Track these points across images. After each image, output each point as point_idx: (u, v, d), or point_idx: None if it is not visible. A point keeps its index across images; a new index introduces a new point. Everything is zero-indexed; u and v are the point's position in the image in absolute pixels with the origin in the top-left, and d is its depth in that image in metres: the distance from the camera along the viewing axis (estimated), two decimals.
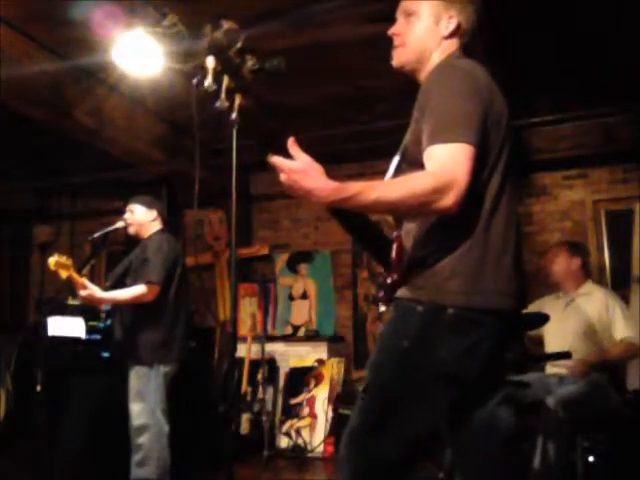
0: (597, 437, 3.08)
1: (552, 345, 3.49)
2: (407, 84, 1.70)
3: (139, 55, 3.54)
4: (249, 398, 5.12)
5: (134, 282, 3.27)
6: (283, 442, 5.12)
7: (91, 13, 3.48)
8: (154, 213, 3.49)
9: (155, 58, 3.60)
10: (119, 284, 3.38)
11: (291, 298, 5.92)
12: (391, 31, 1.73)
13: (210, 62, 2.67)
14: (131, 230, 3.50)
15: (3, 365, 5.49)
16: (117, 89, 4.44)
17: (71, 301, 4.17)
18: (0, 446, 4.52)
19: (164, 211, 3.60)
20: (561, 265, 3.53)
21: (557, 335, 3.45)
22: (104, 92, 4.44)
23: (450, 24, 1.69)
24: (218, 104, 2.11)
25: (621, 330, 3.31)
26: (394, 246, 1.63)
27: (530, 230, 5.28)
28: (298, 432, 5.09)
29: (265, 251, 6.02)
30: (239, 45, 3.24)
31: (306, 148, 1.42)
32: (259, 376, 5.20)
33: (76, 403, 3.96)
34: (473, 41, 1.76)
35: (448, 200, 1.39)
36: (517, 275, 1.55)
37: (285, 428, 5.17)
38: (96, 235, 3.67)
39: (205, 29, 3.15)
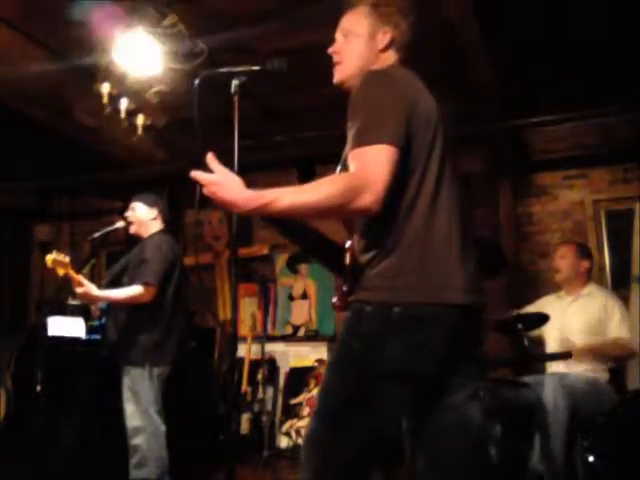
0: (597, 437, 3.08)
1: (553, 345, 3.49)
2: None
3: (139, 55, 3.54)
4: (249, 398, 5.12)
5: (131, 282, 3.25)
6: (283, 442, 5.12)
7: (91, 13, 3.48)
8: (155, 212, 3.47)
9: (155, 58, 3.59)
10: (116, 283, 3.37)
11: (291, 298, 5.92)
12: (330, 50, 1.82)
13: (105, 87, 2.75)
14: (131, 229, 3.49)
15: (3, 365, 5.49)
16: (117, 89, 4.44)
17: (71, 301, 4.17)
18: (0, 446, 4.52)
19: (166, 210, 3.57)
20: (569, 264, 3.54)
21: (558, 335, 3.45)
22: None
23: (385, 39, 1.76)
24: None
25: (615, 330, 3.31)
26: (347, 254, 1.67)
27: (530, 230, 5.28)
28: (298, 432, 5.09)
29: (265, 251, 6.01)
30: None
31: (306, 148, 1.42)
32: (259, 376, 5.20)
33: (76, 403, 3.96)
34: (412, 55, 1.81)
35: (366, 199, 1.43)
36: (465, 269, 1.58)
37: (285, 428, 5.17)
38: (96, 235, 3.66)
39: (101, 59, 3.21)
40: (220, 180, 1.49)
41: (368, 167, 1.45)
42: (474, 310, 1.60)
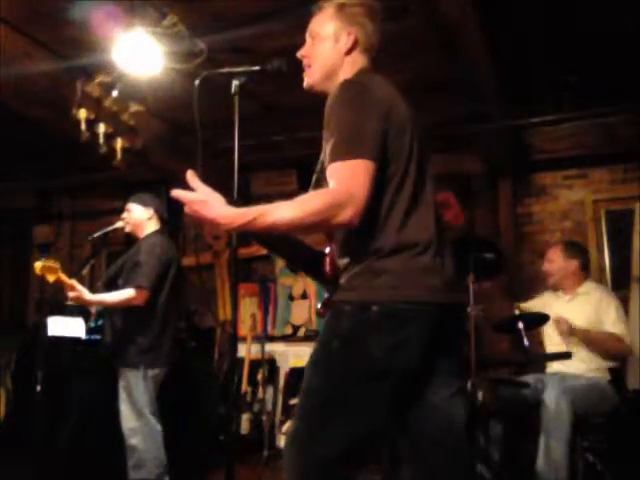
0: (597, 437, 3.08)
1: (551, 343, 3.49)
2: (406, 84, 1.70)
3: (139, 55, 3.54)
4: (249, 398, 5.12)
5: (125, 284, 3.25)
6: (283, 442, 5.12)
7: (91, 13, 3.48)
8: (150, 212, 3.46)
9: (155, 58, 3.59)
10: (112, 284, 3.37)
11: (291, 298, 5.92)
12: (299, 53, 1.83)
13: (82, 113, 2.76)
14: (127, 229, 3.49)
15: (3, 365, 5.49)
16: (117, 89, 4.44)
17: (71, 301, 4.17)
18: (0, 446, 4.52)
19: (163, 209, 3.56)
20: (558, 266, 3.52)
21: (556, 334, 3.45)
22: (104, 92, 4.43)
23: (349, 41, 1.76)
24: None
25: (611, 325, 3.31)
26: (327, 260, 1.70)
27: (530, 230, 5.28)
28: None
29: (265, 251, 6.01)
30: (115, 94, 3.31)
31: (306, 148, 1.43)
32: (259, 376, 5.19)
33: (76, 403, 3.96)
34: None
35: (346, 215, 1.46)
36: (441, 268, 1.61)
37: (285, 428, 5.16)
38: (96, 235, 3.66)
39: (77, 84, 3.23)
40: (202, 199, 1.50)
41: (348, 183, 1.48)
42: (452, 309, 1.63)
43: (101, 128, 2.83)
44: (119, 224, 3.53)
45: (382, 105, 1.58)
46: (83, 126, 2.61)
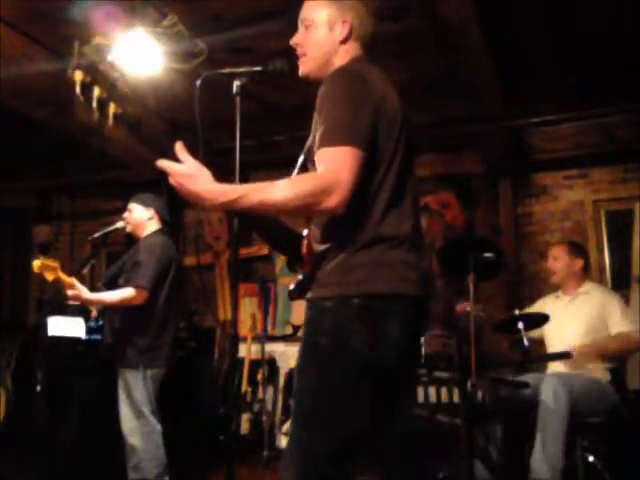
0: (597, 437, 3.08)
1: (553, 345, 3.49)
2: (406, 84, 1.70)
3: (139, 55, 3.54)
4: (249, 398, 5.11)
5: (125, 284, 3.25)
6: (283, 442, 5.12)
7: (91, 13, 3.48)
8: (151, 212, 3.46)
9: (155, 58, 3.59)
10: (112, 285, 3.37)
11: (291, 298, 5.92)
12: (292, 41, 1.81)
13: (77, 75, 2.70)
14: (128, 229, 3.49)
15: (3, 365, 5.49)
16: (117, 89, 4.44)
17: (70, 300, 4.17)
18: (0, 446, 4.52)
19: (164, 210, 3.56)
20: (563, 264, 3.54)
21: (558, 335, 3.45)
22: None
23: (344, 29, 1.74)
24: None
25: (617, 324, 3.30)
26: (304, 243, 1.69)
27: (530, 230, 5.28)
28: None
29: (265, 251, 6.01)
30: (109, 58, 3.26)
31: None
32: (259, 376, 5.19)
33: (76, 403, 3.96)
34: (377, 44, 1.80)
35: (332, 201, 1.45)
36: (419, 262, 1.61)
37: (285, 428, 5.16)
38: (96, 235, 3.66)
39: (74, 47, 3.17)
40: (189, 171, 1.48)
41: (335, 169, 1.46)
42: (425, 302, 1.65)
43: (95, 92, 2.75)
44: (119, 224, 3.53)
45: (374, 96, 1.57)
46: (78, 89, 2.54)
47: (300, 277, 1.70)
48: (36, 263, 3.04)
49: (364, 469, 1.73)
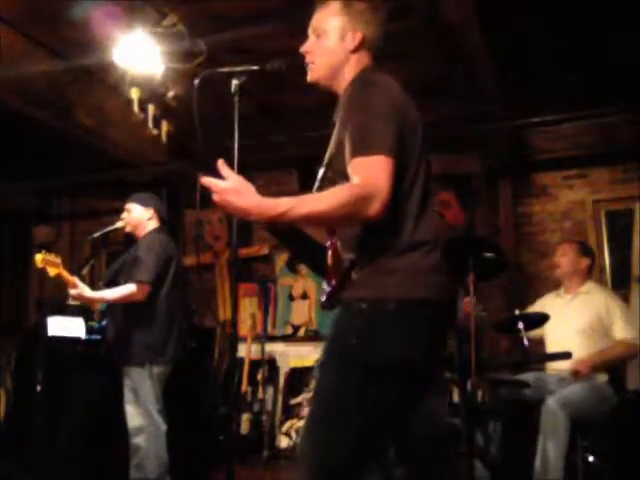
0: (597, 437, 3.08)
1: (553, 344, 3.49)
2: (406, 84, 1.70)
3: (139, 55, 3.54)
4: (249, 398, 5.12)
5: (126, 281, 3.25)
6: (283, 442, 5.12)
7: (91, 13, 3.48)
8: (150, 211, 3.47)
9: (155, 58, 3.59)
10: (113, 283, 3.37)
11: (291, 298, 5.92)
12: (302, 49, 1.81)
13: (134, 92, 2.66)
14: (128, 229, 3.50)
15: (3, 365, 5.49)
16: (117, 89, 4.45)
17: (71, 301, 4.17)
18: (0, 446, 4.52)
19: (163, 209, 3.57)
20: (571, 260, 3.57)
21: (558, 334, 3.46)
22: (104, 92, 4.44)
23: (356, 39, 1.75)
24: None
25: (620, 331, 3.32)
26: (329, 252, 1.70)
27: (530, 230, 5.28)
28: (298, 432, 5.09)
29: (265, 251, 6.01)
30: (160, 75, 3.24)
31: (306, 148, 1.43)
32: (259, 376, 5.19)
33: (76, 403, 3.96)
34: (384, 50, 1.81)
35: (374, 208, 1.47)
36: (443, 268, 1.65)
37: (285, 428, 5.16)
38: (96, 235, 3.66)
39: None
40: (234, 187, 1.46)
41: (373, 177, 1.48)
42: (449, 306, 1.70)
43: (150, 109, 2.69)
44: (119, 224, 3.53)
45: (399, 105, 1.60)
46: (136, 107, 2.48)
47: (326, 288, 1.69)
48: (39, 257, 3.05)
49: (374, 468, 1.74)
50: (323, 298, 1.70)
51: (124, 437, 3.22)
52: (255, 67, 1.96)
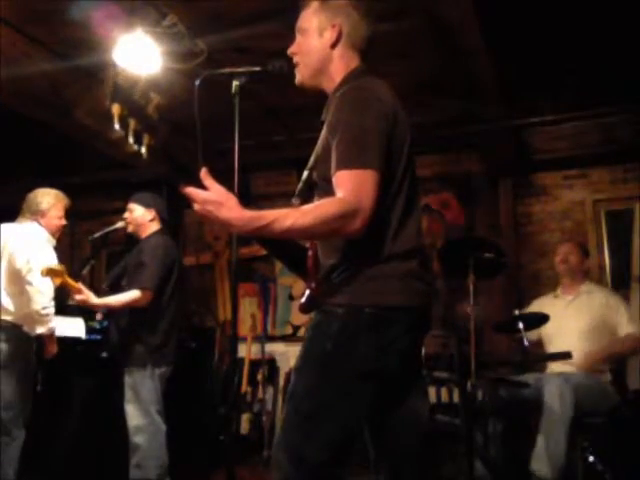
0: (597, 437, 3.08)
1: (554, 344, 3.49)
2: (406, 84, 1.70)
3: (139, 55, 3.54)
4: (249, 398, 5.11)
5: (129, 285, 3.28)
6: None
7: (91, 13, 3.48)
8: (152, 212, 3.48)
9: (155, 58, 3.59)
10: (116, 286, 3.39)
11: (291, 298, 5.92)
12: (289, 51, 1.82)
13: (115, 109, 2.62)
14: (130, 229, 3.51)
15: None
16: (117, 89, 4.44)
17: (71, 301, 4.17)
18: None
19: (164, 209, 3.57)
20: (576, 260, 3.61)
21: (558, 334, 3.45)
22: (104, 92, 4.43)
23: (333, 33, 1.74)
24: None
25: (627, 325, 3.34)
26: (309, 255, 1.71)
27: (530, 230, 5.28)
28: None
29: (265, 251, 6.01)
30: (140, 86, 3.22)
31: (306, 148, 1.43)
32: (259, 376, 5.19)
33: (76, 403, 3.96)
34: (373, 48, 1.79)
35: (355, 225, 1.48)
36: (424, 275, 1.66)
37: None
38: (96, 235, 3.66)
39: (108, 74, 3.10)
40: (216, 199, 1.47)
41: (358, 193, 1.49)
42: (427, 311, 1.69)
43: (131, 124, 2.67)
44: (120, 224, 3.54)
45: (388, 115, 1.59)
46: (117, 124, 2.46)
47: (307, 291, 1.70)
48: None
49: (359, 470, 1.75)
50: (302, 300, 1.71)
51: (124, 437, 3.22)
52: (257, 68, 1.96)
